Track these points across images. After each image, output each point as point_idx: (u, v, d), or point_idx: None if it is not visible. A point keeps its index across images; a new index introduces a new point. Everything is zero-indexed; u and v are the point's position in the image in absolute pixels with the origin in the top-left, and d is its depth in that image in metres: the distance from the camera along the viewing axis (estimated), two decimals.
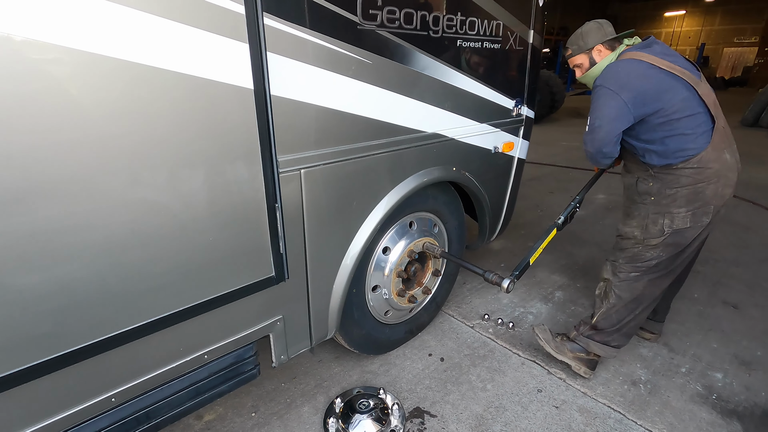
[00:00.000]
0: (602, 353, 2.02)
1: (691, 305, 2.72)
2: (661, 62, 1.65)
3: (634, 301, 1.93)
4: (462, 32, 1.80)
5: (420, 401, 1.95)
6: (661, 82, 1.64)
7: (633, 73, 1.66)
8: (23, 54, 0.87)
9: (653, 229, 1.82)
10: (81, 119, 0.97)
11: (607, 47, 1.82)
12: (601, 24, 1.83)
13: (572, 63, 1.94)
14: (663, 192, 1.77)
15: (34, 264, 0.98)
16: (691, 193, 1.72)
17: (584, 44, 1.85)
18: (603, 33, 1.81)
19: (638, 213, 1.87)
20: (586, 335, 2.04)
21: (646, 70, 1.65)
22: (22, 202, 0.93)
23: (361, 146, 1.58)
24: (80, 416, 1.18)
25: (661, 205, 1.79)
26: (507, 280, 1.85)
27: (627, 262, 1.92)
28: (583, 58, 1.88)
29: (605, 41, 1.81)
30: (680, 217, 1.76)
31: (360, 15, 1.42)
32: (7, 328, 0.99)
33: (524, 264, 1.98)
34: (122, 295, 1.14)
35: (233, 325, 1.45)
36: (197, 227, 1.23)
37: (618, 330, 1.99)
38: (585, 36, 1.84)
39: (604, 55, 1.83)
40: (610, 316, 1.98)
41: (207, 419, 1.85)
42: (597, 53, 1.84)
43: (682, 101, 1.64)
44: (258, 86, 1.21)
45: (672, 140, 1.68)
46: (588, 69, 1.88)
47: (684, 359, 2.25)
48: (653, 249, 1.84)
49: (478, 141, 2.12)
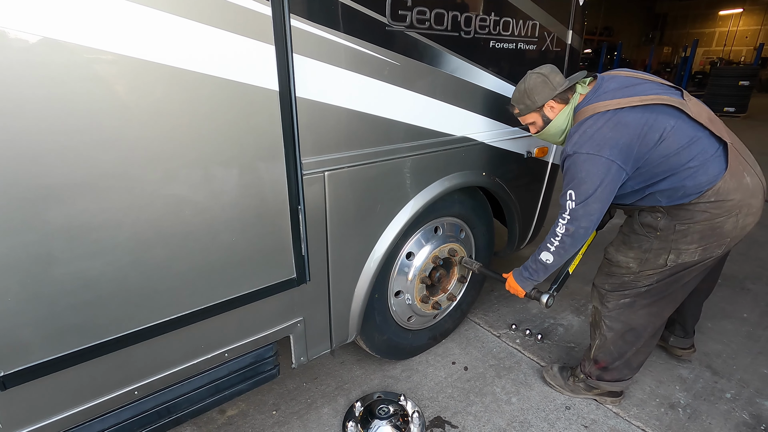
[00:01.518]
0: (617, 389, 1.89)
1: (739, 325, 2.53)
2: (627, 101, 1.44)
3: (631, 332, 1.73)
4: (495, 33, 1.74)
5: (441, 410, 1.91)
6: (638, 123, 1.42)
7: (603, 128, 1.44)
8: (54, 57, 0.90)
9: (654, 263, 1.59)
10: (112, 120, 1.00)
11: (559, 101, 1.61)
12: (546, 76, 1.61)
13: (524, 122, 1.75)
14: (671, 227, 1.51)
15: (64, 259, 1.02)
16: (707, 228, 1.48)
17: (532, 103, 1.64)
18: (551, 87, 1.59)
19: (638, 245, 1.61)
20: (595, 377, 1.87)
21: (618, 118, 1.43)
22: (54, 200, 0.97)
23: (386, 149, 1.56)
24: (105, 407, 1.22)
25: (667, 241, 1.54)
26: (546, 296, 1.75)
27: (614, 290, 1.71)
28: (534, 116, 1.68)
29: (555, 96, 1.60)
30: (689, 253, 1.53)
31: (389, 16, 1.40)
32: (39, 320, 1.03)
33: (563, 275, 1.86)
34: (147, 292, 1.17)
35: (253, 325, 1.46)
36: (220, 227, 1.24)
37: (624, 363, 1.81)
38: (531, 94, 1.62)
39: (558, 110, 1.63)
40: (608, 350, 1.80)
41: (229, 414, 1.88)
42: (549, 110, 1.64)
43: (672, 132, 1.41)
44: (283, 88, 1.21)
45: (677, 178, 1.44)
46: (543, 127, 1.69)
47: (729, 384, 2.08)
48: (646, 278, 1.63)
49: (510, 145, 2.05)
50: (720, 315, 2.59)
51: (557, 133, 1.69)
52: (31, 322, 1.02)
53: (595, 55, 17.58)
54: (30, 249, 0.97)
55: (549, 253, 1.62)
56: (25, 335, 1.02)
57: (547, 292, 1.78)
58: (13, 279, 0.97)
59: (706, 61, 21.15)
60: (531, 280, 1.72)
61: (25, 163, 0.92)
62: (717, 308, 2.63)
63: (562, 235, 1.56)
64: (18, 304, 0.99)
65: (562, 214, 1.55)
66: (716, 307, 2.63)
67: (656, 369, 2.15)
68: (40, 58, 0.88)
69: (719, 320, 2.54)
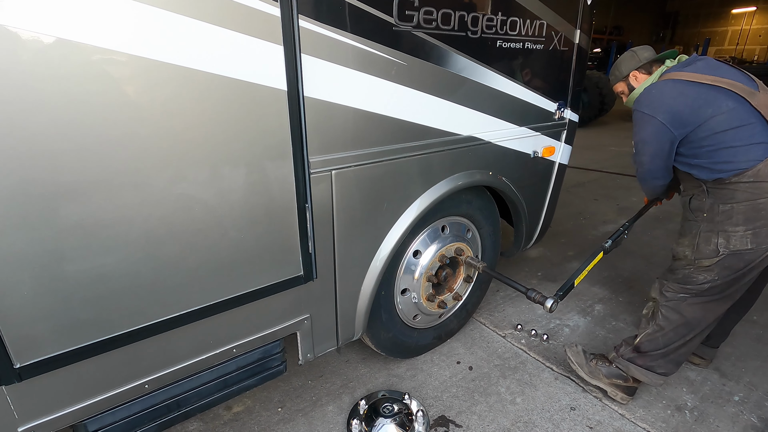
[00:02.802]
0: (644, 379, 1.87)
1: (749, 328, 2.50)
2: (703, 77, 1.59)
3: (685, 325, 1.77)
4: (502, 33, 1.74)
5: (445, 410, 1.92)
6: (698, 96, 1.57)
7: (667, 94, 1.62)
8: (68, 57, 0.93)
9: (705, 249, 1.66)
10: (125, 119, 1.02)
11: (643, 72, 1.82)
12: (635, 52, 1.84)
13: (615, 91, 1.97)
14: (716, 208, 1.62)
15: (78, 255, 1.04)
16: (750, 209, 1.56)
17: (619, 73, 1.88)
18: (636, 60, 1.82)
19: (690, 231, 1.73)
20: (627, 357, 1.89)
21: (683, 88, 1.60)
22: (68, 197, 0.99)
23: (393, 148, 1.57)
24: (116, 399, 1.25)
25: (714, 222, 1.63)
26: (550, 300, 1.80)
27: (676, 283, 1.78)
28: (622, 86, 1.90)
29: (639, 67, 1.81)
30: (738, 237, 1.59)
31: (396, 16, 1.41)
32: (53, 313, 1.06)
33: (568, 285, 1.92)
34: (157, 288, 1.19)
35: (261, 322, 1.48)
36: (229, 225, 1.26)
37: (664, 355, 1.83)
38: (619, 65, 1.88)
39: (641, 80, 1.82)
40: (656, 339, 1.83)
41: (235, 410, 1.90)
42: (633, 79, 1.85)
43: (727, 113, 1.54)
44: (291, 88, 1.23)
45: (719, 153, 1.57)
46: (629, 94, 1.89)
47: (737, 386, 2.06)
48: (706, 271, 1.67)
49: (517, 145, 2.05)
50: None
51: None
52: (46, 315, 1.05)
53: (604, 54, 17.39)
54: (45, 244, 0.99)
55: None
56: (40, 328, 1.05)
57: (551, 297, 1.81)
58: (28, 273, 0.99)
59: None
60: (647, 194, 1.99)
61: (41, 161, 0.94)
62: None
63: (636, 171, 1.83)
64: (33, 298, 1.02)
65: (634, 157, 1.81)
66: None
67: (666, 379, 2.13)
68: (55, 59, 0.91)
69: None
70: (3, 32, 0.85)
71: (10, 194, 0.93)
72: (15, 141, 0.91)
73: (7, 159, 0.91)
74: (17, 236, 0.96)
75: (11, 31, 0.85)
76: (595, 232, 3.88)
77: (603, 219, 4.19)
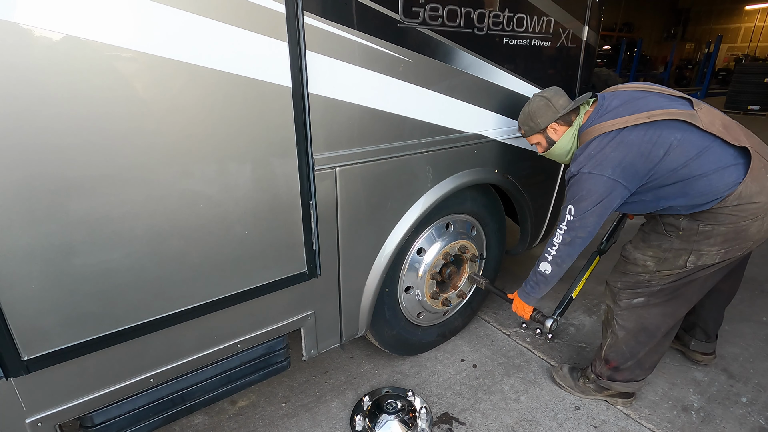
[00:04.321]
0: (629, 390, 1.85)
1: (758, 329, 2.47)
2: (634, 118, 1.45)
3: (643, 332, 1.70)
4: (509, 29, 1.73)
5: (449, 407, 1.92)
6: (642, 140, 1.43)
7: (609, 147, 1.46)
8: (75, 54, 0.93)
9: (672, 264, 1.56)
10: (131, 115, 1.03)
11: (562, 124, 1.66)
12: (549, 99, 1.66)
13: (530, 142, 1.81)
14: (694, 227, 1.49)
15: (84, 249, 1.05)
16: (731, 231, 1.46)
17: (535, 125, 1.69)
18: (553, 110, 1.64)
19: (658, 244, 1.58)
20: (606, 376, 1.85)
21: (621, 137, 1.46)
22: (75, 192, 1.01)
23: (398, 146, 1.57)
24: (122, 393, 1.26)
25: (689, 242, 1.51)
26: (550, 320, 1.80)
27: (627, 288, 1.69)
28: (538, 137, 1.74)
29: (558, 118, 1.65)
30: (710, 255, 1.50)
31: (401, 13, 1.40)
32: (60, 307, 1.07)
33: (567, 300, 1.91)
34: (163, 283, 1.20)
35: (265, 318, 1.48)
36: (233, 221, 1.27)
37: (638, 364, 1.79)
38: (534, 116, 1.68)
39: (561, 132, 1.67)
40: (620, 349, 1.78)
41: (240, 405, 1.92)
42: (552, 132, 1.69)
43: (679, 146, 1.40)
44: (296, 84, 1.23)
45: (692, 186, 1.43)
46: (548, 148, 1.74)
47: (745, 388, 2.04)
48: (662, 279, 1.61)
49: (522, 142, 2.03)
50: (738, 318, 2.53)
51: (562, 154, 1.73)
52: (53, 309, 1.06)
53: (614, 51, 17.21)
54: (52, 239, 1.01)
55: (547, 263, 1.66)
56: (47, 322, 1.06)
57: (551, 317, 1.82)
58: (36, 267, 1.01)
59: (730, 58, 20.51)
60: (534, 295, 1.76)
61: (48, 156, 0.95)
62: (735, 311, 2.57)
63: (559, 245, 1.61)
64: (41, 291, 1.03)
65: (560, 225, 1.60)
66: (735, 310, 2.57)
67: (670, 371, 2.12)
68: (62, 55, 0.92)
69: (737, 323, 2.48)
70: (12, 28, 0.86)
71: (18, 189, 0.94)
72: (23, 136, 0.92)
73: (15, 154, 0.92)
74: (25, 230, 0.97)
75: (21, 27, 0.86)
76: (601, 231, 3.84)
77: (609, 217, 4.14)
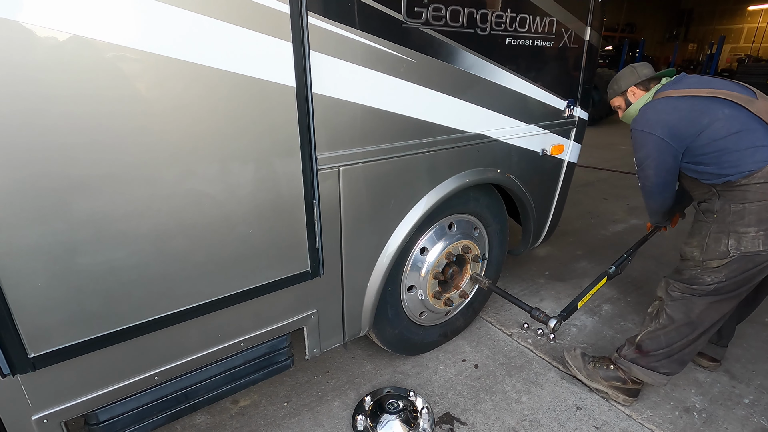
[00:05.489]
0: (647, 379, 1.84)
1: (761, 330, 2.47)
2: (696, 91, 1.64)
3: (689, 324, 1.75)
4: (512, 30, 1.73)
5: (450, 407, 1.92)
6: (692, 108, 1.62)
7: (661, 110, 1.67)
8: (80, 54, 0.94)
9: (715, 250, 1.63)
10: (135, 115, 1.03)
11: (640, 88, 1.86)
12: (635, 68, 1.88)
13: (612, 105, 2.01)
14: (727, 208, 1.60)
15: (89, 248, 1.06)
16: (763, 209, 1.54)
17: (618, 88, 1.92)
18: (636, 76, 1.86)
19: (699, 231, 1.71)
20: (629, 358, 1.87)
21: (675, 103, 1.66)
22: (80, 191, 1.01)
23: (401, 145, 1.57)
24: (126, 390, 1.27)
25: (725, 223, 1.60)
26: (554, 320, 1.82)
27: (682, 283, 1.75)
28: (619, 100, 1.95)
29: (638, 83, 1.85)
30: (749, 238, 1.56)
31: (404, 13, 1.41)
32: (66, 305, 1.08)
33: (572, 307, 1.93)
34: (167, 281, 1.21)
35: (268, 316, 1.49)
36: (237, 220, 1.27)
37: (668, 355, 1.80)
38: (618, 80, 1.92)
39: (639, 95, 1.87)
40: (658, 338, 1.80)
41: (242, 404, 1.93)
42: (631, 95, 1.90)
43: (725, 119, 1.57)
44: (300, 84, 1.24)
45: (723, 158, 1.58)
46: (625, 109, 1.93)
47: (748, 389, 2.04)
48: (714, 273, 1.65)
49: (525, 143, 2.04)
50: None
51: (635, 115, 1.83)
52: (59, 306, 1.07)
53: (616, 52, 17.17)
54: (59, 237, 1.01)
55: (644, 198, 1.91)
56: (53, 319, 1.07)
57: (554, 317, 1.83)
58: (42, 265, 1.01)
59: (733, 59, 20.45)
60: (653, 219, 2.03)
61: (55, 155, 0.96)
62: None
63: (641, 188, 1.85)
64: (47, 289, 1.04)
65: None
66: None
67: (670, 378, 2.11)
68: (67, 54, 0.92)
69: (740, 324, 2.48)
70: (17, 28, 0.86)
71: (24, 187, 0.95)
72: (30, 135, 0.92)
73: (21, 153, 0.92)
74: (31, 229, 0.98)
75: (26, 27, 0.87)
76: (604, 232, 3.85)
77: (612, 219, 4.16)
